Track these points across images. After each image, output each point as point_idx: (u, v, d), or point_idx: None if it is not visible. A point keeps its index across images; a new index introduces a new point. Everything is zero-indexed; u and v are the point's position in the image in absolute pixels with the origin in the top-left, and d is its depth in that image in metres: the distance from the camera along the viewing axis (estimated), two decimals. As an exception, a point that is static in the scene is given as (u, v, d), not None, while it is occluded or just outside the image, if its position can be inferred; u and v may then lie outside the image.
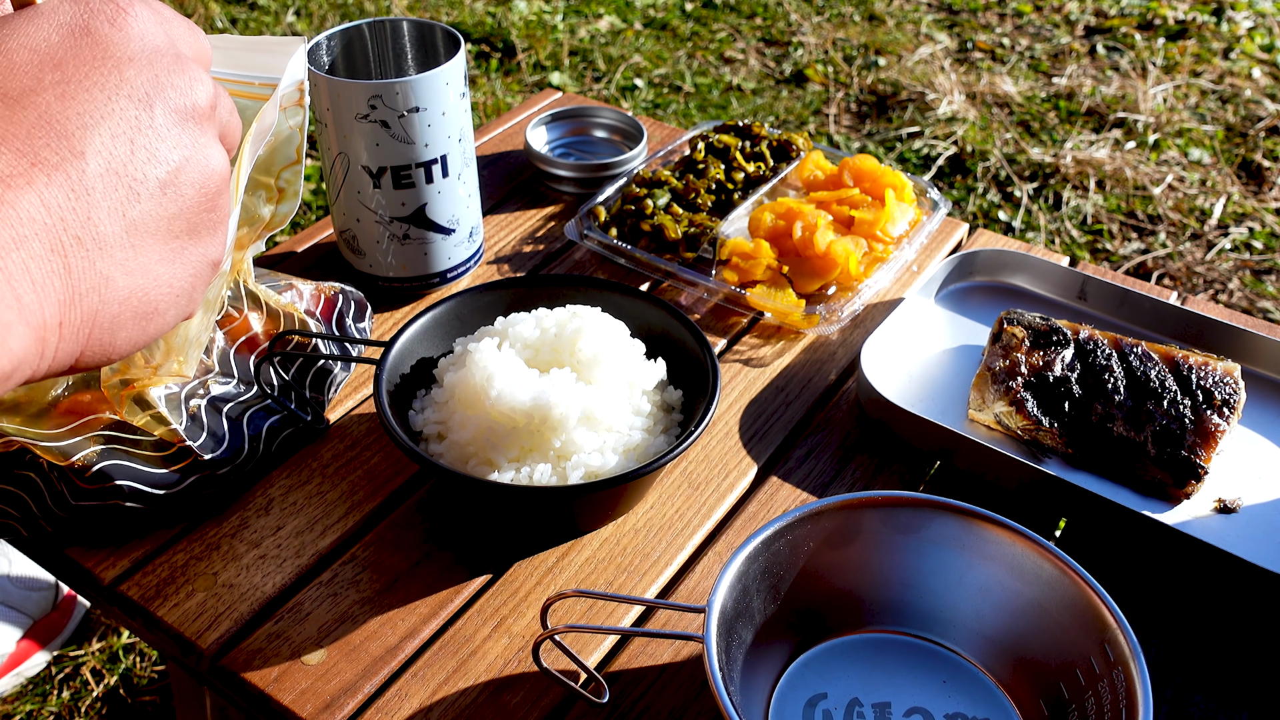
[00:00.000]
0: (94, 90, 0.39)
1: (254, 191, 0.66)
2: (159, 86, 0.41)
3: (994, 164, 2.44)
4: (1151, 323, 0.90)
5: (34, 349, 0.37)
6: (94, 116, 0.39)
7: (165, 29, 0.44)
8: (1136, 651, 0.55)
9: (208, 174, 0.43)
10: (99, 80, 0.40)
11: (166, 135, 0.41)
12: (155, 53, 0.42)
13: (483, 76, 2.79)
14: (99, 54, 0.40)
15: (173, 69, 0.42)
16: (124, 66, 0.41)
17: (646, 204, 0.97)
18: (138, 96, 0.40)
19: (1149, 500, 0.75)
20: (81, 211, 0.38)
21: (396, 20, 0.87)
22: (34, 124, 0.38)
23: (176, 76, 0.42)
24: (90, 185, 0.38)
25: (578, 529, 0.72)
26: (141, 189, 0.40)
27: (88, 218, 0.38)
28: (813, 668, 0.63)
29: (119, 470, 0.66)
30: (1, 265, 0.35)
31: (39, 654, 1.38)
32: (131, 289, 0.40)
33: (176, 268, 0.42)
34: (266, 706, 0.62)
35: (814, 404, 0.84)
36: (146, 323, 0.41)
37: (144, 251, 0.40)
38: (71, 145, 0.38)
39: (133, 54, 0.41)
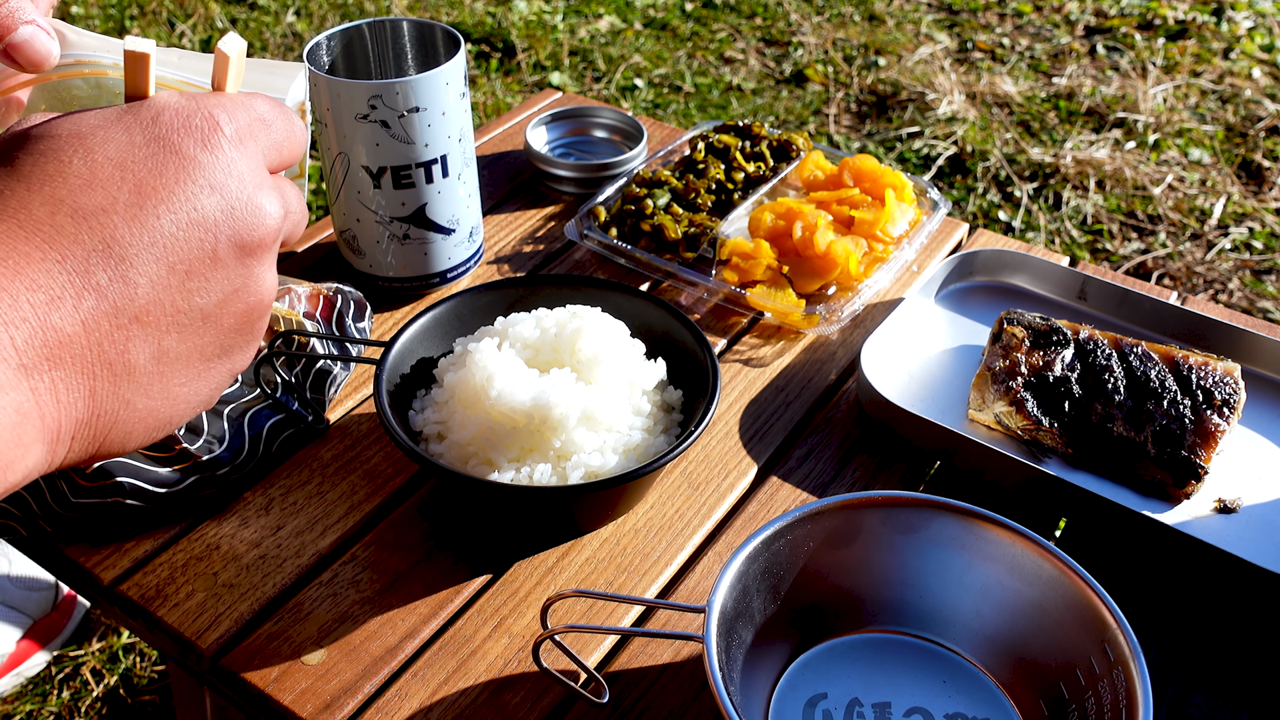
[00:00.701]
0: (165, 217, 0.39)
1: None
2: (232, 218, 0.41)
3: (994, 164, 2.44)
4: (1151, 323, 0.90)
5: (44, 460, 0.37)
6: (157, 245, 0.39)
7: (255, 143, 0.43)
8: (1136, 651, 0.55)
9: (254, 303, 0.43)
10: (173, 205, 0.39)
11: (224, 270, 0.41)
12: (238, 180, 0.42)
13: (483, 76, 2.79)
14: (181, 177, 0.40)
15: (251, 200, 0.42)
16: (201, 194, 0.40)
17: (646, 204, 0.97)
18: (207, 225, 0.40)
19: (1149, 500, 0.75)
20: (120, 340, 0.38)
21: (396, 20, 0.87)
22: (96, 244, 0.37)
23: (251, 211, 0.42)
24: (135, 315, 0.38)
25: (578, 529, 0.72)
26: (184, 319, 0.40)
27: (124, 348, 0.38)
28: (813, 668, 0.63)
29: (120, 467, 0.66)
30: (33, 386, 0.35)
31: (39, 654, 1.38)
32: (150, 409, 0.40)
33: (200, 386, 0.42)
34: (266, 706, 0.62)
35: (814, 404, 0.84)
36: (158, 432, 0.42)
37: (171, 379, 0.40)
38: (126, 272, 0.38)
39: (214, 181, 0.41)
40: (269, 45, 2.88)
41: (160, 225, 0.39)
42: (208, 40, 2.89)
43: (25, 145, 0.39)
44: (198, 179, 0.40)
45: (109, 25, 2.96)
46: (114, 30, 2.94)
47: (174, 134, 0.41)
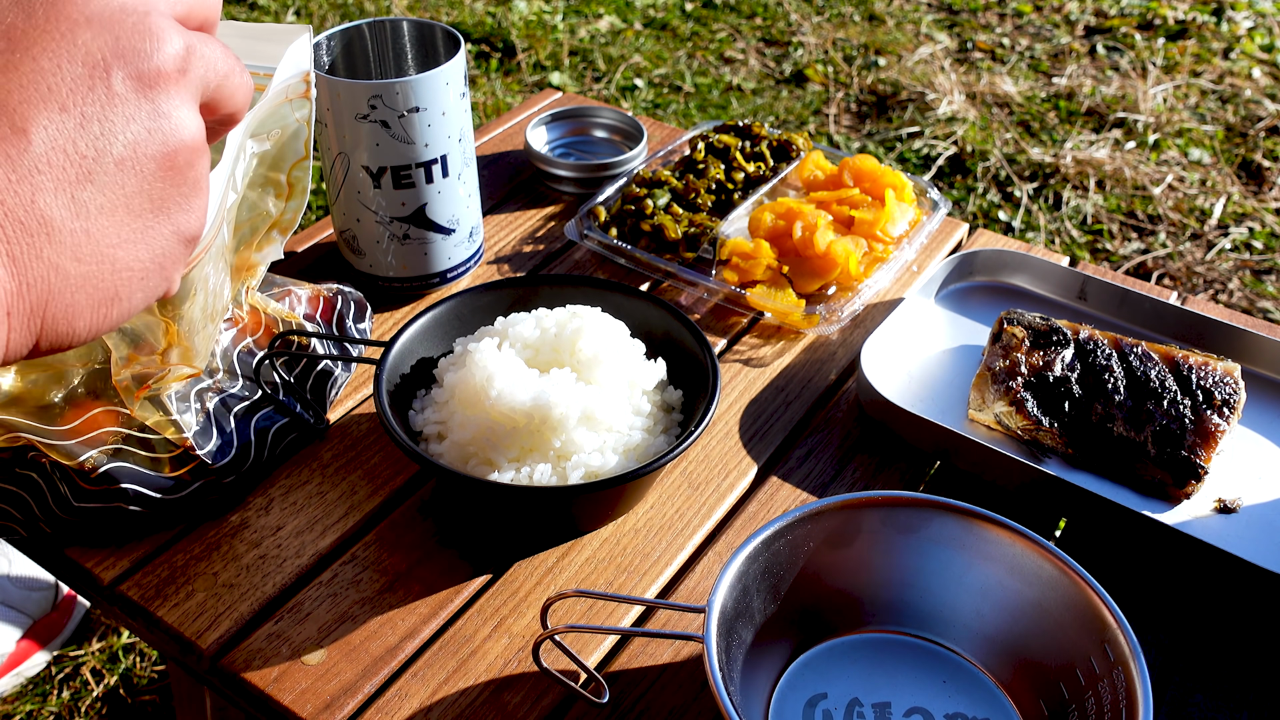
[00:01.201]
0: (41, 58, 0.36)
1: (263, 187, 0.66)
2: (119, 50, 0.38)
3: (994, 164, 2.44)
4: (1151, 323, 0.90)
5: None
6: (40, 88, 0.36)
7: None
8: (1136, 651, 0.55)
9: (174, 144, 0.39)
10: (48, 46, 0.37)
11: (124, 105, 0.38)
12: (119, 11, 0.38)
13: (483, 76, 2.79)
14: (52, 16, 0.37)
15: (137, 29, 0.38)
16: (78, 29, 0.37)
17: (646, 204, 0.97)
18: (92, 63, 0.37)
19: (1149, 500, 0.75)
20: (25, 195, 0.35)
21: (396, 20, 0.87)
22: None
23: (140, 38, 0.38)
24: (34, 165, 0.35)
25: (578, 529, 0.72)
26: (94, 166, 0.37)
27: (31, 201, 0.35)
28: (813, 668, 0.63)
29: (125, 473, 0.66)
30: None
31: (39, 654, 1.38)
32: (85, 275, 0.37)
33: (139, 249, 0.39)
34: (266, 706, 0.62)
35: (814, 404, 0.84)
36: (108, 309, 0.39)
37: (99, 235, 0.37)
38: (12, 121, 0.35)
39: (90, 14, 0.38)
40: (269, 45, 2.87)
41: (39, 68, 0.36)
42: (208, 40, 2.89)
43: None
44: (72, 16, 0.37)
45: (109, 25, 2.95)
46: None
47: None
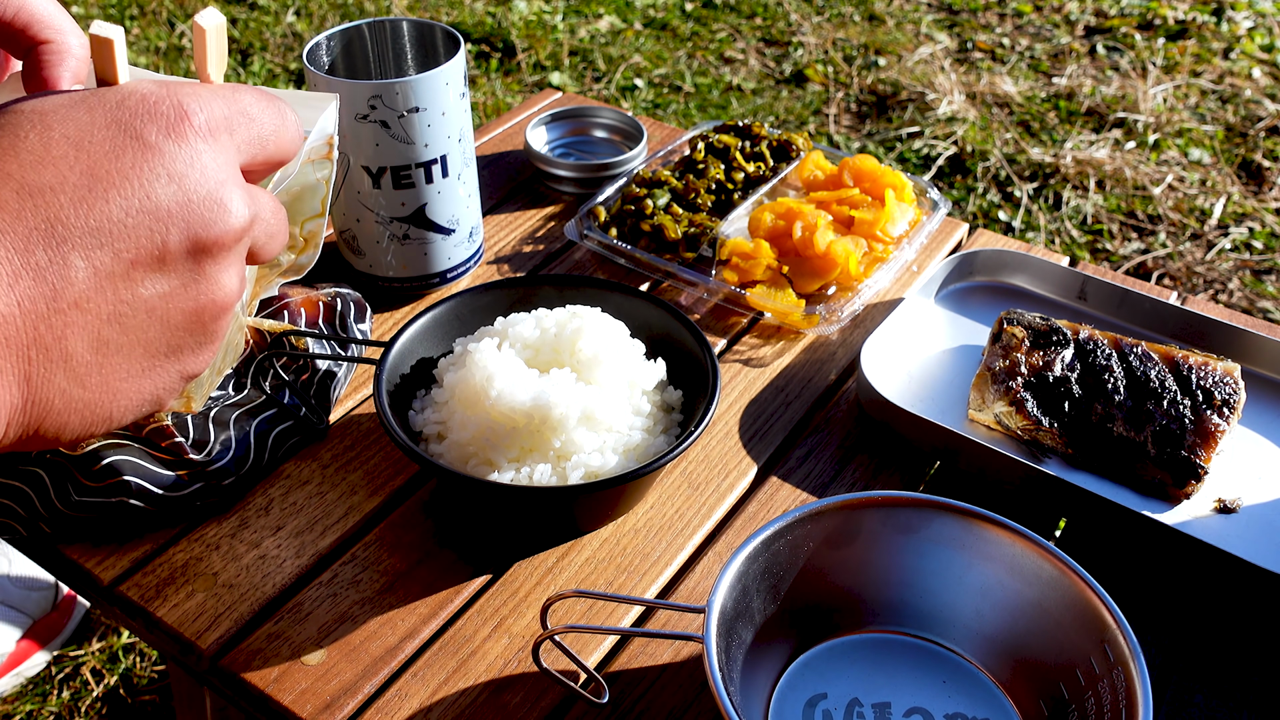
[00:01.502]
0: (114, 202, 0.38)
1: None
2: (187, 211, 0.39)
3: (994, 164, 2.44)
4: (1151, 323, 0.90)
5: None
6: (103, 231, 0.37)
7: (230, 136, 0.42)
8: (1136, 651, 0.55)
9: (206, 303, 0.41)
10: (125, 191, 0.38)
11: (173, 265, 0.39)
12: (200, 172, 0.40)
13: (483, 76, 2.79)
14: (138, 162, 0.38)
15: (209, 198, 0.40)
16: (156, 183, 0.39)
17: (646, 204, 0.97)
18: (159, 215, 0.39)
19: (1149, 500, 0.75)
20: (57, 328, 0.36)
21: (396, 20, 0.87)
22: (39, 223, 0.36)
23: (209, 207, 0.40)
24: (73, 301, 0.37)
25: (578, 529, 0.72)
26: (126, 311, 0.38)
27: (61, 334, 0.37)
28: (813, 668, 0.63)
29: (129, 466, 0.66)
30: None
31: (39, 654, 1.38)
32: (87, 401, 0.39)
33: (143, 383, 0.40)
34: (266, 706, 0.62)
35: (814, 404, 0.84)
36: (97, 425, 0.40)
37: (110, 370, 0.39)
38: (67, 255, 0.36)
39: (173, 170, 0.39)
40: (269, 45, 2.88)
41: (109, 210, 0.37)
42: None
43: None
44: (155, 166, 0.39)
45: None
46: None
47: (137, 119, 0.39)
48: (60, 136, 0.38)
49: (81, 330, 0.37)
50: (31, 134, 0.38)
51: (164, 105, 0.40)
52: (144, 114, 0.39)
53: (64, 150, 0.38)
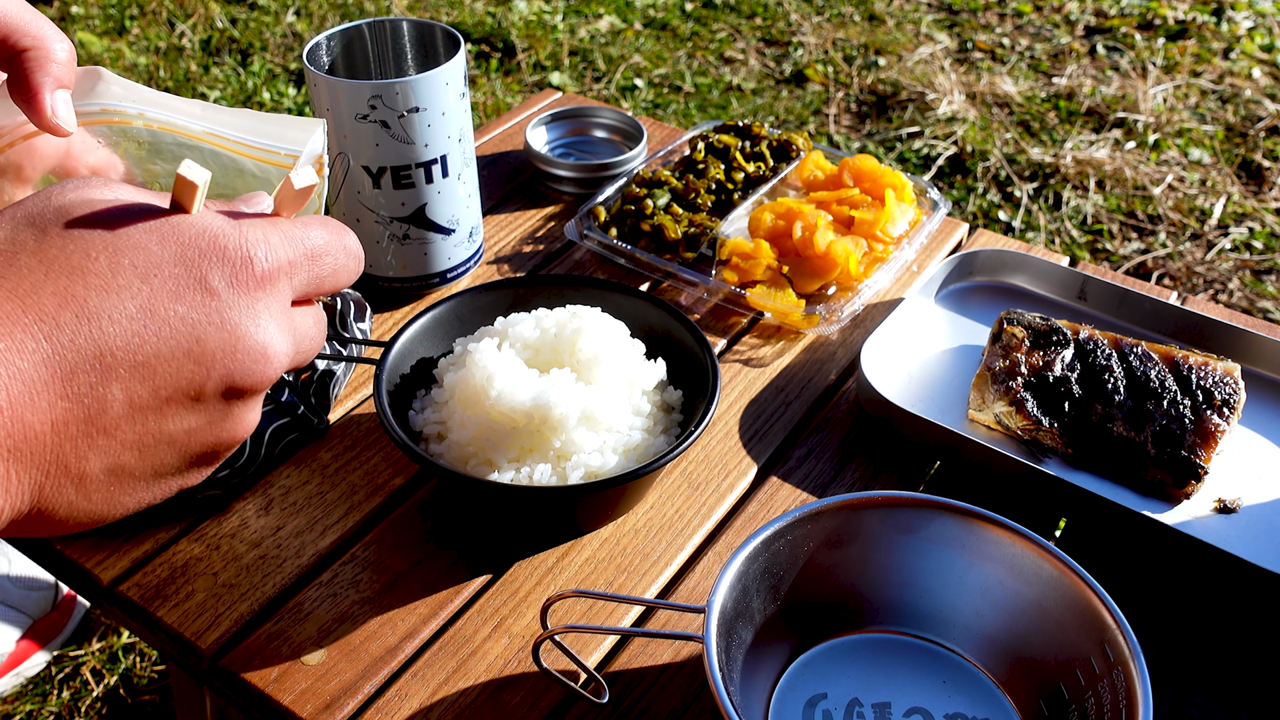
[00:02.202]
0: (164, 343, 0.39)
1: None
2: (231, 359, 0.41)
3: (994, 164, 2.44)
4: (1151, 323, 0.90)
5: None
6: (147, 367, 0.38)
7: (289, 280, 0.43)
8: (1136, 651, 0.55)
9: (225, 439, 0.43)
10: (177, 334, 0.39)
11: (206, 404, 0.41)
12: (252, 322, 0.41)
13: (483, 76, 2.79)
14: (196, 305, 0.40)
15: (259, 345, 0.41)
16: (209, 328, 0.40)
17: (646, 204, 0.97)
18: (203, 360, 0.40)
19: (1149, 500, 0.75)
20: (82, 448, 0.38)
21: (396, 20, 0.87)
22: (89, 350, 0.37)
23: (253, 357, 0.41)
24: (103, 428, 0.38)
25: (578, 529, 0.72)
26: (149, 440, 0.40)
27: (84, 455, 0.38)
28: (813, 668, 0.63)
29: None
30: None
31: (39, 654, 1.38)
32: (88, 510, 0.40)
33: (144, 495, 0.42)
34: (266, 706, 0.62)
35: (814, 404, 0.84)
36: (88, 527, 0.41)
37: (119, 489, 0.40)
38: (109, 385, 0.38)
39: (226, 318, 0.40)
40: (269, 45, 2.88)
41: (158, 348, 0.39)
42: (208, 40, 2.89)
43: (61, 223, 0.39)
44: (211, 313, 0.40)
45: (109, 25, 2.96)
46: (114, 30, 2.94)
47: (205, 261, 0.40)
48: (129, 265, 0.39)
49: (103, 454, 0.39)
50: (101, 258, 0.39)
51: (232, 251, 0.41)
52: (212, 257, 0.40)
53: (129, 280, 0.39)
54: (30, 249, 0.38)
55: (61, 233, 0.39)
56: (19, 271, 0.37)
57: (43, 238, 0.38)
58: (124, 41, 2.88)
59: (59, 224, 0.39)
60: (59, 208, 0.40)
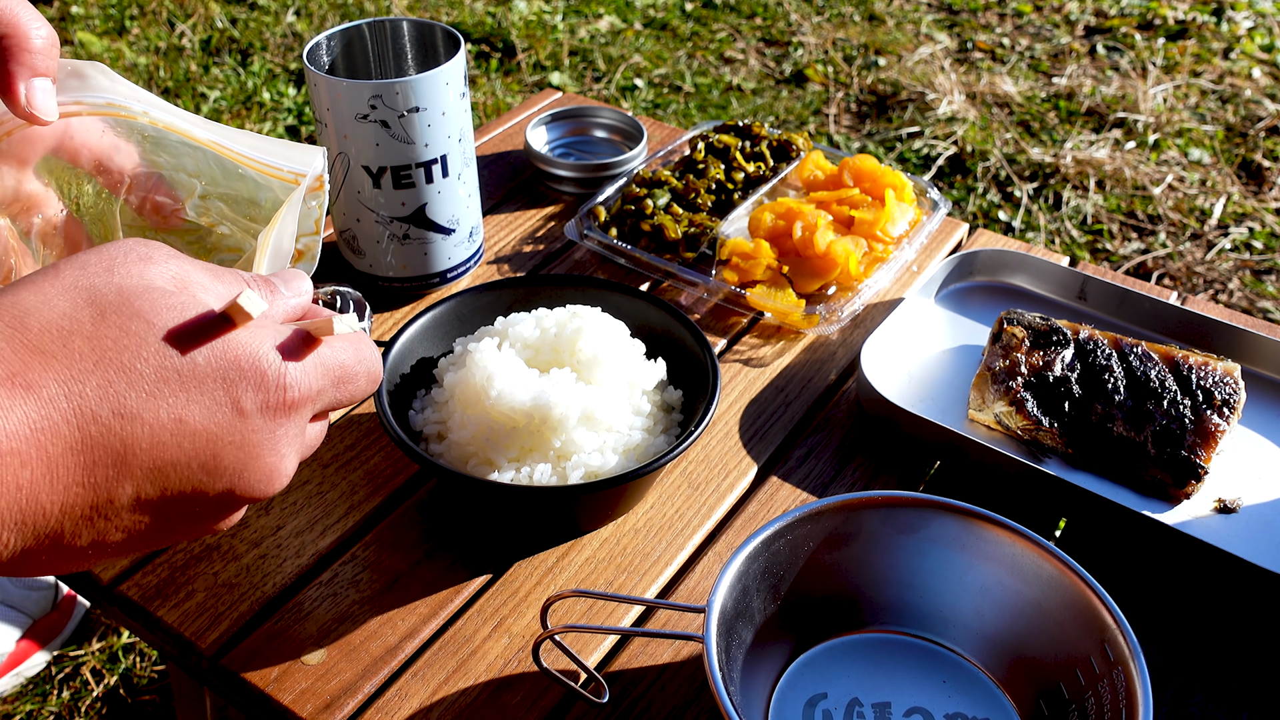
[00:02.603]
0: (184, 453, 0.40)
1: None
2: (240, 477, 0.43)
3: (994, 164, 2.44)
4: (1151, 323, 0.90)
5: None
6: (162, 473, 0.40)
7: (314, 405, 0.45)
8: (1136, 651, 0.55)
9: (219, 527, 0.45)
10: (198, 449, 0.41)
11: (207, 504, 0.43)
12: (271, 447, 0.43)
13: (483, 76, 2.79)
14: (224, 429, 0.41)
15: (268, 470, 0.43)
16: (229, 448, 0.42)
17: (646, 204, 0.97)
18: (216, 472, 0.42)
19: (1149, 500, 0.75)
20: (81, 527, 0.39)
21: (396, 20, 0.87)
22: (115, 450, 0.39)
23: (263, 478, 0.44)
24: (107, 513, 0.40)
25: (578, 529, 0.72)
26: (145, 527, 0.41)
27: (80, 532, 0.39)
28: (813, 668, 0.63)
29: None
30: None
31: (39, 654, 1.38)
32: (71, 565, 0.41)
33: (125, 551, 0.43)
34: (266, 706, 0.62)
35: (814, 404, 0.84)
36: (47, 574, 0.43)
37: (96, 555, 0.41)
38: (123, 482, 0.39)
39: (249, 441, 0.42)
40: (269, 45, 2.88)
41: (177, 458, 0.40)
42: (208, 40, 2.89)
43: (120, 311, 0.40)
44: (234, 432, 0.41)
45: (109, 25, 2.96)
46: (114, 30, 2.94)
47: (243, 382, 0.42)
48: (174, 374, 0.40)
49: (96, 533, 0.40)
50: (151, 362, 0.40)
51: (270, 379, 0.42)
52: (251, 380, 0.42)
53: (171, 389, 0.40)
54: (85, 333, 0.39)
55: (118, 323, 0.40)
56: (70, 356, 0.38)
57: (100, 323, 0.39)
58: (124, 41, 2.88)
59: (118, 311, 0.40)
60: (121, 290, 0.41)
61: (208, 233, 0.65)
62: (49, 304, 0.39)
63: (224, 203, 0.64)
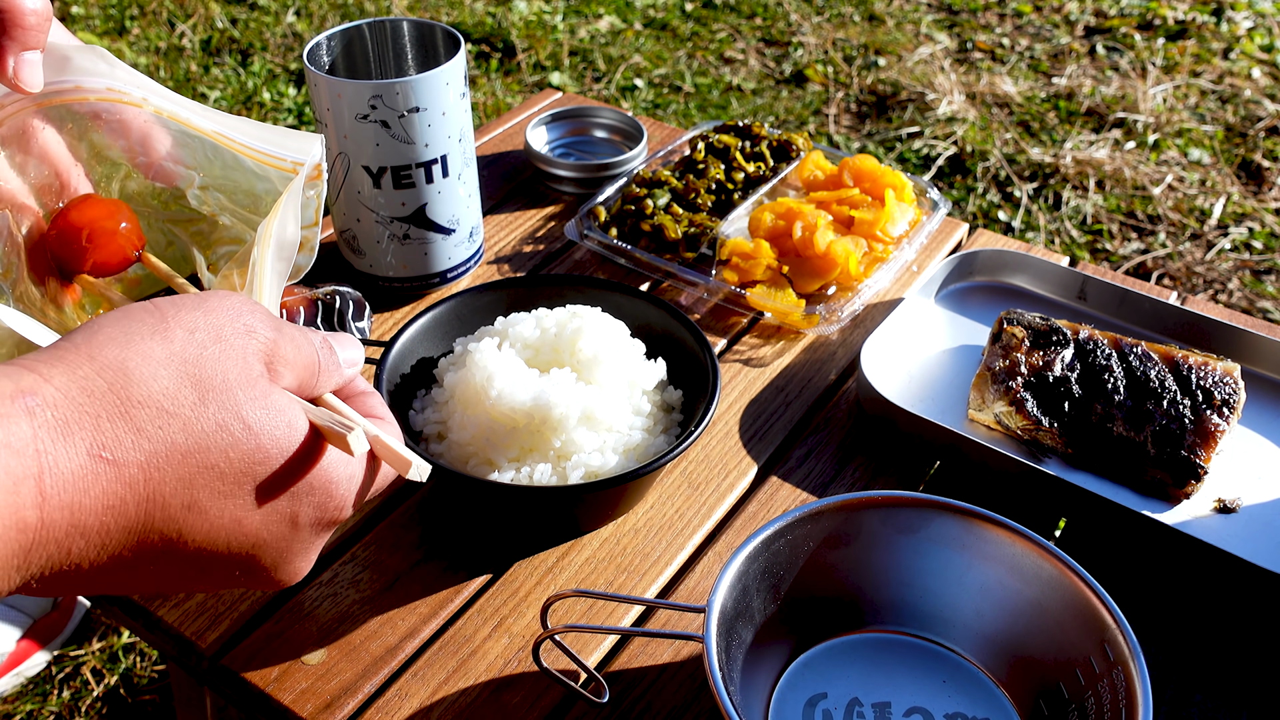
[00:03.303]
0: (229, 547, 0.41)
1: None
2: (260, 574, 0.44)
3: (994, 164, 2.44)
4: (1151, 323, 0.90)
5: None
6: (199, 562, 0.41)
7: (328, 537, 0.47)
8: (1136, 651, 0.55)
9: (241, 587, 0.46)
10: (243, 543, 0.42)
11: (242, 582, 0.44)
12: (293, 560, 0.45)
13: (483, 76, 2.79)
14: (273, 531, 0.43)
15: (282, 574, 0.45)
16: (265, 549, 0.43)
17: (646, 204, 0.97)
18: (243, 567, 0.43)
19: (1149, 500, 0.75)
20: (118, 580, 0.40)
21: (396, 20, 0.88)
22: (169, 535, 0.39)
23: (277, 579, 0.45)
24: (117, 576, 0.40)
25: (578, 529, 0.72)
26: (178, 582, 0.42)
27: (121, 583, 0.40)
28: (813, 668, 0.63)
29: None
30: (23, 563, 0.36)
31: (39, 654, 1.38)
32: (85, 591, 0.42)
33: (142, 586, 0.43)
34: (266, 706, 0.62)
35: (814, 404, 0.84)
36: None
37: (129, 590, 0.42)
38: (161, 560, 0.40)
39: (285, 550, 0.44)
40: (269, 45, 2.88)
41: (217, 552, 0.41)
42: (208, 40, 2.89)
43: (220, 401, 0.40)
44: (279, 539, 0.43)
45: (109, 25, 2.96)
46: (114, 30, 2.94)
47: (307, 498, 0.43)
48: (250, 481, 0.41)
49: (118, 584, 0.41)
50: (234, 465, 0.40)
51: (334, 502, 0.44)
52: (314, 497, 0.43)
53: (244, 493, 0.41)
54: (184, 418, 0.39)
55: (218, 418, 0.40)
56: (163, 439, 0.38)
57: (200, 409, 0.39)
58: (124, 41, 2.88)
59: (220, 401, 0.40)
60: (225, 377, 0.41)
61: (211, 225, 0.65)
62: (154, 376, 0.39)
63: (223, 193, 0.64)
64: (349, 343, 0.50)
